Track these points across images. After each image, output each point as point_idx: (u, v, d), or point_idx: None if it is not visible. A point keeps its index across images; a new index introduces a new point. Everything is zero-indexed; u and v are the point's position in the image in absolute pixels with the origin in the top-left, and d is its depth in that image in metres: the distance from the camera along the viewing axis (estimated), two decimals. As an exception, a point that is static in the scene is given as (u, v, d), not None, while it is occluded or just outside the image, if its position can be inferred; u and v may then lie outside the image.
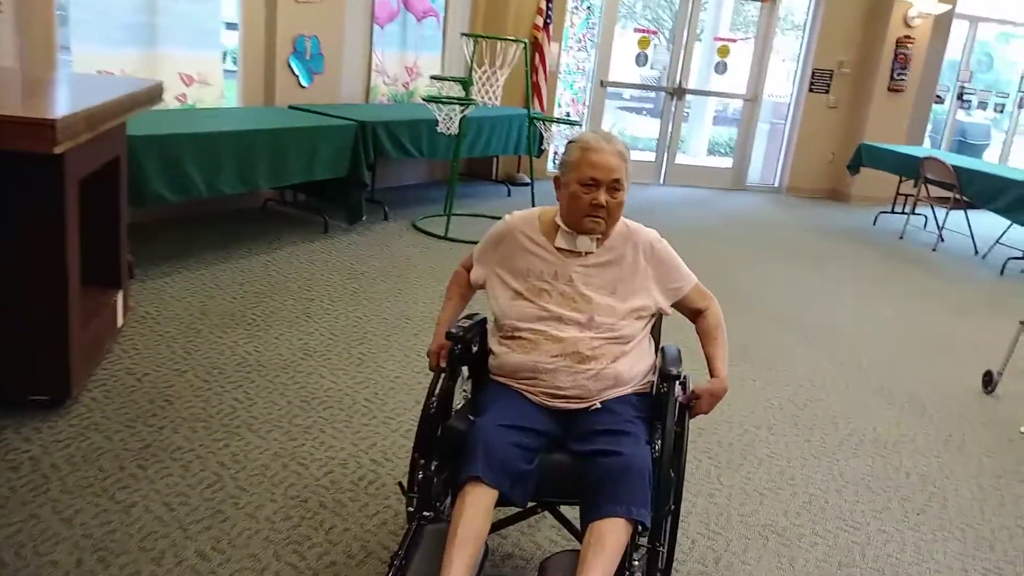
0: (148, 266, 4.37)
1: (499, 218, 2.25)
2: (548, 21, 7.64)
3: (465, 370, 2.18)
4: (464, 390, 2.21)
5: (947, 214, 6.99)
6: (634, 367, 2.09)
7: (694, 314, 2.23)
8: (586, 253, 2.11)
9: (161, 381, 3.12)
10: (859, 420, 3.51)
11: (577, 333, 2.04)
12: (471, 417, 2.03)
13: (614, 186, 2.06)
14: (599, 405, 2.04)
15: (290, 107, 5.78)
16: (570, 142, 2.12)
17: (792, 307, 5.03)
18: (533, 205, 4.66)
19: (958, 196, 6.87)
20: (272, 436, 2.81)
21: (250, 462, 2.64)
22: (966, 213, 7.02)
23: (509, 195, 7.43)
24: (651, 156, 9.23)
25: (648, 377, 2.15)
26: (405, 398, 3.22)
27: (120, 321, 3.49)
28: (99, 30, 4.80)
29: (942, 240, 7.15)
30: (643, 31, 9.02)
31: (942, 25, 9.08)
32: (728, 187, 9.26)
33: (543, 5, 7.57)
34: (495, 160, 7.84)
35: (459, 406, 2.17)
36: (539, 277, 2.11)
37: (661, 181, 9.08)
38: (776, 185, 9.42)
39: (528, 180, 6.92)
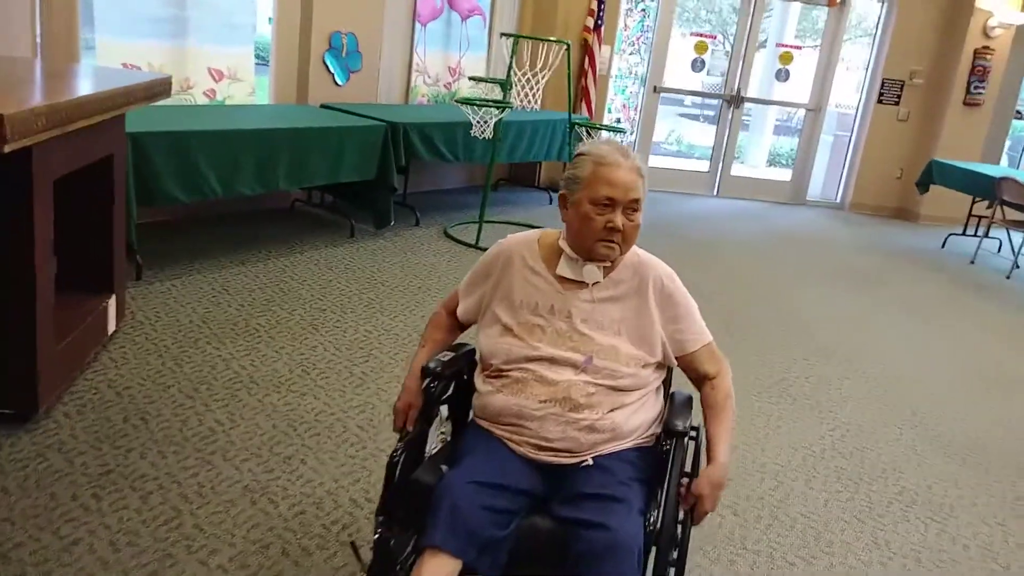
0: (160, 267, 4.20)
1: (535, 227, 1.97)
2: (599, 23, 7.31)
3: (444, 410, 1.94)
4: (442, 432, 1.96)
5: (1024, 239, 6.46)
6: (635, 417, 1.82)
7: (700, 379, 1.91)
8: (592, 284, 1.84)
9: (142, 396, 2.91)
10: (912, 475, 3.11)
11: (572, 376, 1.78)
12: (443, 467, 1.77)
13: (632, 207, 1.79)
14: (591, 462, 1.76)
15: (322, 106, 5.58)
16: (579, 154, 1.85)
17: (843, 336, 4.61)
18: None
19: (1037, 220, 6.33)
20: (247, 466, 2.56)
21: (216, 496, 2.39)
22: (1045, 239, 6.48)
23: (551, 202, 7.12)
24: (705, 166, 8.81)
25: (652, 429, 1.87)
26: (401, 427, 2.94)
27: (112, 327, 3.30)
28: (125, 22, 4.66)
29: (1017, 267, 6.61)
30: (701, 35, 8.61)
31: (1025, 36, 8.48)
32: (786, 201, 8.79)
33: (594, 6, 7.25)
34: (538, 165, 7.55)
35: (435, 449, 1.91)
36: (533, 310, 1.85)
37: (715, 192, 8.67)
38: (838, 201, 8.91)
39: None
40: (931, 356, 4.50)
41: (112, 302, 3.27)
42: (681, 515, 1.74)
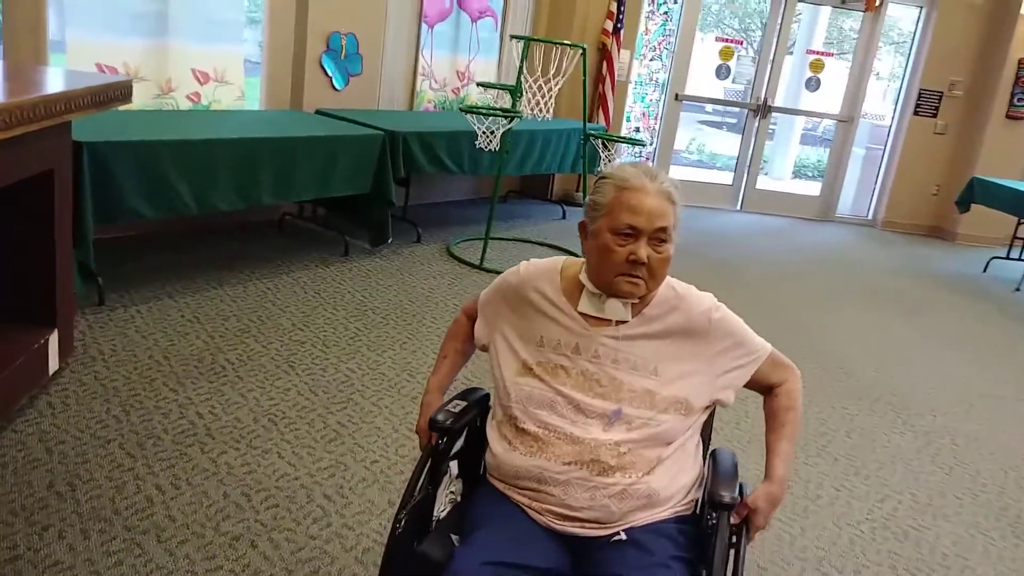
0: (127, 290, 3.79)
1: (545, 244, 1.63)
2: (619, 26, 6.86)
3: (454, 466, 1.68)
4: (452, 492, 1.69)
5: (1077, 266, 5.94)
6: (674, 481, 1.58)
7: (767, 390, 1.71)
8: (618, 322, 1.60)
9: (76, 454, 2.49)
10: (980, 563, 2.63)
11: (599, 434, 1.54)
12: (453, 537, 1.57)
13: (659, 237, 1.56)
14: (623, 536, 1.52)
15: (317, 111, 5.16)
16: (601, 177, 1.63)
17: (885, 377, 4.13)
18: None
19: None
20: (182, 551, 2.13)
21: (139, 595, 1.96)
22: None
23: (564, 217, 6.68)
24: (728, 178, 8.33)
25: (692, 494, 1.63)
26: (377, 497, 2.50)
27: (54, 366, 2.88)
28: (99, 18, 4.26)
29: (1068, 295, 6.10)
30: (726, 40, 8.14)
31: (1074, 45, 7.94)
32: (814, 217, 8.30)
33: (614, 8, 6.80)
34: (551, 177, 7.10)
35: (444, 512, 1.66)
36: (555, 349, 1.61)
37: (738, 207, 8.19)
38: (870, 218, 8.39)
39: (584, 202, 6.16)
40: (986, 404, 4.01)
41: (54, 337, 2.85)
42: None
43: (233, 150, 3.88)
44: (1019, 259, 6.79)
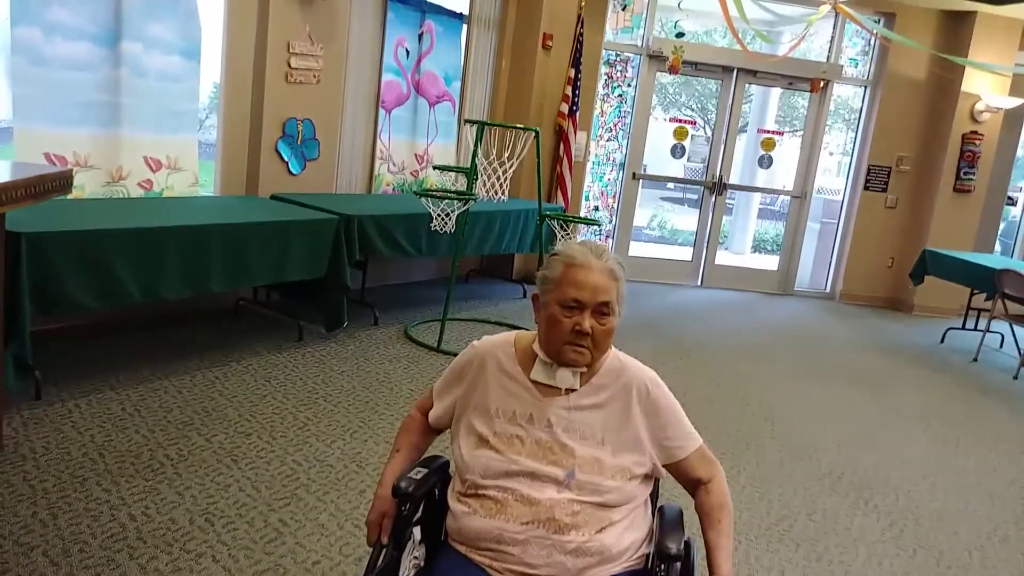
0: (67, 383, 3.67)
1: (505, 324, 1.66)
2: (575, 109, 7.01)
3: (417, 532, 1.73)
4: (415, 557, 1.72)
5: (1030, 336, 6.01)
6: (625, 538, 1.67)
7: (693, 484, 1.79)
8: (567, 391, 1.72)
9: (-6, 564, 2.34)
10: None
11: (554, 494, 1.64)
12: None
13: (602, 310, 1.69)
14: None
15: (272, 197, 5.14)
16: (552, 255, 1.77)
17: (848, 456, 4.08)
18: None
19: (1044, 316, 5.90)
20: (101, 671, 1.98)
21: None
22: (1053, 335, 6.03)
23: (525, 296, 6.66)
24: (688, 254, 8.42)
25: (643, 549, 1.72)
26: (316, 601, 2.38)
27: (-21, 468, 2.75)
28: (49, 108, 4.22)
29: (1024, 365, 6.15)
30: (680, 121, 8.33)
31: (1013, 120, 8.25)
32: (774, 291, 8.38)
33: (569, 92, 6.95)
34: (512, 257, 7.11)
35: None
36: (511, 419, 1.72)
37: (699, 283, 8.25)
38: (828, 291, 8.50)
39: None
40: (949, 479, 3.96)
41: (-21, 437, 2.72)
42: None
43: (179, 237, 3.82)
44: (975, 329, 6.87)
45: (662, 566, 1.58)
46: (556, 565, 1.60)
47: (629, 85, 7.70)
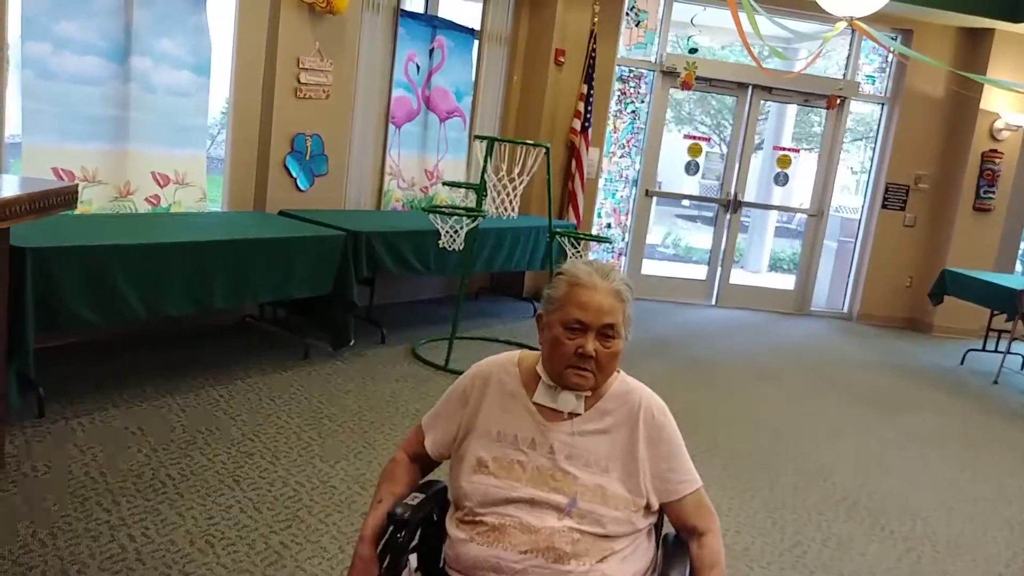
0: (70, 400, 3.64)
1: (515, 343, 1.66)
2: (587, 125, 6.96)
3: (413, 559, 1.68)
4: None
5: (1052, 357, 5.88)
6: (626, 568, 1.61)
7: (687, 532, 1.71)
8: (570, 415, 1.67)
9: (-13, 587, 2.29)
10: None
11: (555, 522, 1.59)
12: None
13: (606, 332, 1.63)
14: None
15: (280, 213, 5.12)
16: (558, 274, 1.72)
17: (864, 481, 3.98)
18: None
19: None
20: None
21: None
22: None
23: (535, 314, 6.58)
24: (703, 272, 8.33)
25: None
26: (314, 628, 2.31)
27: (-23, 486, 2.71)
28: (57, 123, 4.22)
29: (1046, 387, 6.01)
30: (694, 138, 8.26)
31: (1034, 139, 8.13)
32: (790, 311, 8.26)
33: (581, 108, 6.91)
34: (523, 274, 7.05)
35: None
36: (512, 444, 1.67)
37: (713, 302, 8.15)
38: (845, 311, 8.37)
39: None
40: (967, 505, 3.85)
41: (-23, 456, 2.69)
42: None
43: (185, 254, 3.79)
44: (995, 351, 6.74)
45: None
46: None
47: (642, 101, 7.66)
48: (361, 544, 1.64)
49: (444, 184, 5.70)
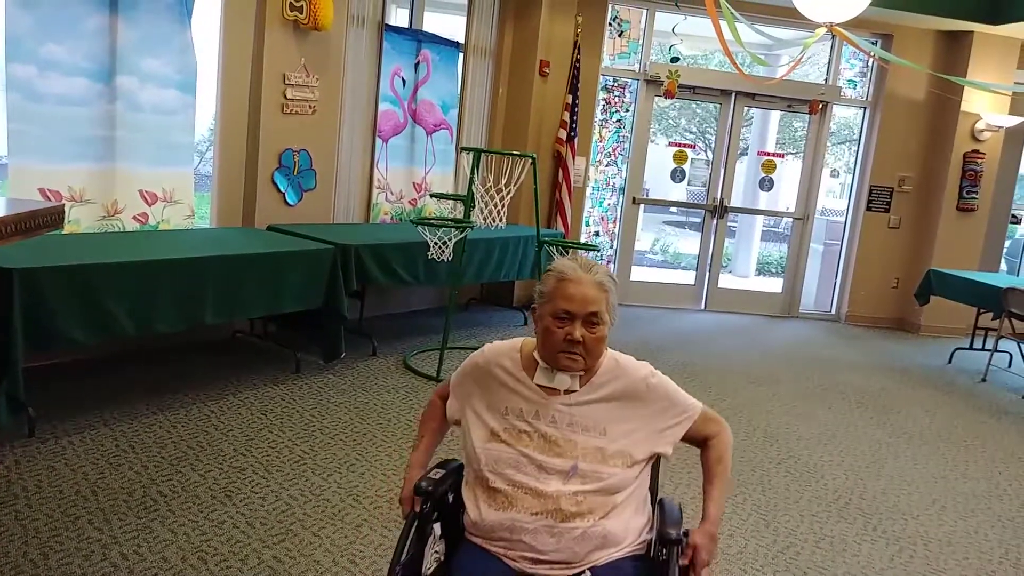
0: (60, 419, 3.63)
1: None
2: (573, 135, 7.01)
3: (437, 527, 1.86)
4: (436, 551, 1.86)
5: (1039, 354, 5.93)
6: (627, 524, 1.82)
7: (702, 442, 1.96)
8: (566, 392, 1.87)
9: (-21, 608, 2.29)
10: None
11: (560, 486, 1.79)
12: None
13: (592, 320, 1.83)
14: (589, 574, 1.76)
15: (269, 228, 5.13)
16: (547, 271, 1.92)
17: (855, 481, 4.00)
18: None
19: (1051, 334, 5.83)
20: None
21: None
22: (1062, 353, 5.95)
23: (525, 323, 6.62)
24: (691, 277, 8.37)
25: (644, 535, 1.87)
26: (309, 641, 2.31)
27: (-32, 508, 2.70)
28: (44, 143, 4.22)
29: (1033, 385, 6.06)
30: (680, 145, 8.32)
31: (1014, 138, 8.23)
32: (778, 314, 8.31)
33: (566, 118, 6.95)
34: (513, 283, 7.08)
35: (431, 570, 1.82)
36: (519, 416, 1.87)
37: (702, 306, 8.19)
38: (833, 312, 8.43)
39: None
40: (958, 503, 3.88)
41: (-33, 477, 2.68)
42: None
43: (173, 271, 3.80)
44: (982, 349, 6.79)
45: (663, 551, 1.73)
46: (564, 550, 1.75)
47: (627, 110, 7.71)
48: (410, 468, 1.94)
49: (432, 196, 5.72)
